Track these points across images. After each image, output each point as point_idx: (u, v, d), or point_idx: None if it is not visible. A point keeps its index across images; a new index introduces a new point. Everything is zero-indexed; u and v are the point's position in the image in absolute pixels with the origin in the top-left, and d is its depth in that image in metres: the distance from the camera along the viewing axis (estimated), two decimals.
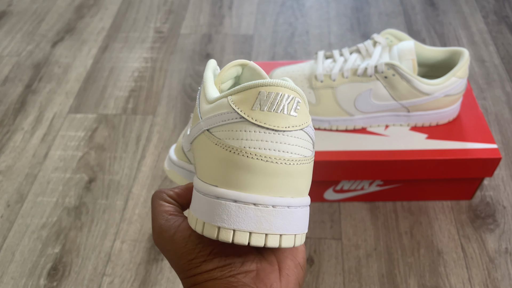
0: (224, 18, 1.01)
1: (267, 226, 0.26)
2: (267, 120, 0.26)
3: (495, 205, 0.65)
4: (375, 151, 0.59)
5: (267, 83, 0.27)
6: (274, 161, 0.26)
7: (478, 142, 0.59)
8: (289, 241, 0.27)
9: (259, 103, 0.26)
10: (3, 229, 0.65)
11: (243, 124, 0.27)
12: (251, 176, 0.26)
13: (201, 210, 0.27)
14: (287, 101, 0.27)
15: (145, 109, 0.81)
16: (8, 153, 0.75)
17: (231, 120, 0.27)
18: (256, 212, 0.26)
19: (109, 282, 0.59)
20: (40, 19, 1.02)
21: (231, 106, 0.27)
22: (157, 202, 0.32)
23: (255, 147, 0.26)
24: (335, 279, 0.59)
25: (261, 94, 0.27)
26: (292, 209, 0.27)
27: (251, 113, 0.26)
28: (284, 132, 0.27)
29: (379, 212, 0.65)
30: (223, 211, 0.26)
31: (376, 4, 1.02)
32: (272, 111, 0.26)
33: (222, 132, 0.27)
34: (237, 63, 0.33)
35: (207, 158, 0.28)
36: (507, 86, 0.82)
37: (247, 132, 0.26)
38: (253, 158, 0.26)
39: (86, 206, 0.67)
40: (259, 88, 0.27)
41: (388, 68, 0.56)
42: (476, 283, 0.58)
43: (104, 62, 0.91)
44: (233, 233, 0.26)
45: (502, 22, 0.96)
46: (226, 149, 0.27)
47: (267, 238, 0.26)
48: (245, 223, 0.26)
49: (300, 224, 0.28)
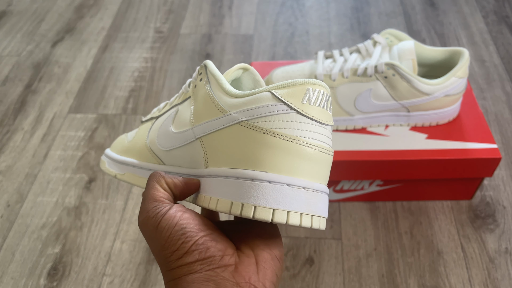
0: (224, 18, 1.01)
1: (314, 208, 0.29)
2: (315, 114, 0.29)
3: (495, 205, 0.65)
4: (375, 151, 0.59)
5: (312, 81, 0.30)
6: (319, 150, 0.30)
7: (478, 142, 0.59)
8: (324, 223, 0.30)
9: (307, 97, 0.29)
10: (3, 229, 0.65)
11: (294, 115, 0.29)
12: (301, 162, 0.29)
13: (245, 195, 0.29)
14: (326, 98, 0.30)
15: (145, 109, 0.81)
16: (8, 153, 0.75)
17: (281, 111, 0.29)
18: (306, 195, 0.29)
19: (109, 282, 0.59)
20: (40, 19, 1.02)
21: (280, 99, 0.29)
22: (153, 184, 0.32)
23: (306, 136, 0.29)
24: (335, 279, 0.59)
25: (308, 90, 0.29)
26: (325, 195, 0.31)
27: (301, 106, 0.29)
28: (326, 125, 0.30)
29: (379, 212, 0.65)
30: (277, 194, 0.28)
31: (376, 4, 1.02)
32: (318, 105, 0.30)
33: (270, 122, 0.29)
34: (241, 67, 0.36)
35: (249, 146, 0.30)
36: (507, 86, 0.82)
37: (298, 122, 0.29)
38: (304, 146, 0.29)
39: (86, 206, 0.67)
40: (306, 85, 0.29)
41: (388, 68, 0.56)
42: (476, 283, 0.58)
43: (104, 62, 0.91)
44: (287, 214, 0.28)
45: (502, 22, 0.96)
46: (279, 137, 0.29)
47: (312, 219, 0.29)
48: (297, 205, 0.29)
49: (326, 208, 0.31)
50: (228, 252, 0.30)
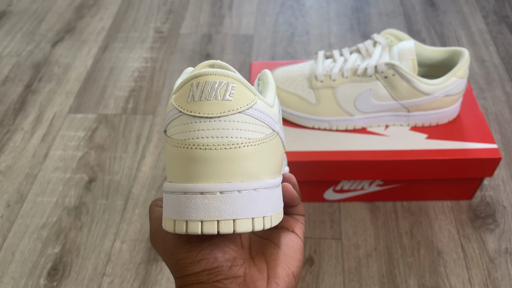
0: (224, 18, 1.01)
1: (217, 213, 0.26)
2: (201, 109, 0.27)
3: (495, 205, 0.65)
4: (375, 151, 0.59)
5: (197, 74, 0.27)
6: (213, 148, 0.27)
7: (478, 142, 0.59)
8: (245, 225, 0.27)
9: (192, 94, 0.27)
10: (3, 229, 0.65)
11: (182, 118, 0.27)
12: (195, 166, 0.27)
13: (164, 208, 0.28)
14: (219, 87, 0.27)
15: (145, 109, 0.81)
16: (8, 153, 0.75)
17: (173, 116, 0.28)
18: (204, 200, 0.26)
19: (109, 282, 0.59)
20: (40, 19, 1.02)
21: (172, 103, 0.28)
22: (153, 209, 0.33)
23: (194, 137, 0.27)
24: (335, 279, 0.59)
25: (193, 86, 0.27)
26: (244, 192, 0.27)
27: (186, 106, 0.27)
28: (219, 117, 0.27)
29: (379, 212, 0.65)
30: (176, 204, 0.27)
31: (376, 4, 1.02)
32: (204, 99, 0.27)
33: (170, 129, 0.28)
34: (205, 64, 0.33)
35: (166, 157, 0.29)
36: (507, 86, 0.82)
37: (186, 124, 0.27)
38: (192, 149, 0.27)
39: (86, 206, 0.67)
40: (191, 81, 0.27)
41: (388, 68, 0.56)
42: (476, 283, 0.58)
43: (104, 62, 0.91)
44: (186, 224, 0.26)
45: (502, 22, 0.96)
46: (173, 145, 0.28)
47: (219, 224, 0.26)
48: (195, 213, 0.26)
49: (259, 207, 0.27)
50: (237, 262, 0.29)
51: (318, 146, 0.60)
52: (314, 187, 0.64)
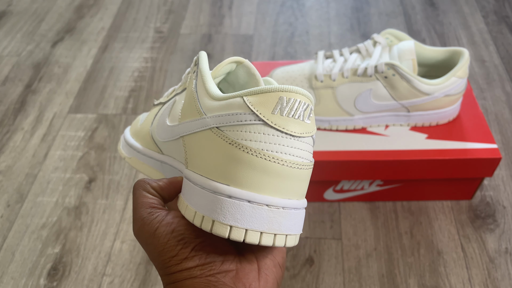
0: (224, 18, 1.01)
1: (277, 227, 0.27)
2: (286, 125, 0.27)
3: (495, 205, 0.65)
4: (375, 151, 0.59)
5: (287, 89, 0.27)
6: (288, 165, 0.27)
7: (478, 142, 0.59)
8: (293, 241, 0.28)
9: (279, 107, 0.27)
10: (3, 229, 0.65)
11: (262, 127, 0.27)
12: (266, 177, 0.27)
13: (209, 207, 0.28)
14: (304, 108, 0.28)
15: (145, 109, 0.81)
16: (8, 153, 0.75)
17: (249, 122, 0.27)
18: (269, 213, 0.27)
19: (109, 282, 0.59)
20: (40, 19, 1.02)
21: (249, 107, 0.27)
22: (140, 192, 0.32)
23: (273, 150, 0.27)
24: (335, 279, 0.59)
25: (281, 99, 0.27)
26: (298, 211, 0.28)
27: (271, 117, 0.27)
28: (299, 138, 0.28)
29: (379, 212, 0.65)
30: (236, 210, 0.27)
31: (376, 4, 1.02)
32: (291, 117, 0.27)
33: (237, 132, 0.28)
34: (233, 60, 0.33)
35: (216, 155, 0.28)
36: (507, 86, 0.82)
37: (266, 135, 0.27)
38: (270, 161, 0.27)
39: (86, 206, 0.67)
40: (279, 93, 0.27)
41: (388, 68, 0.56)
42: (476, 283, 0.58)
43: (104, 62, 0.91)
44: (245, 232, 0.27)
45: (502, 22, 0.96)
46: (243, 150, 0.27)
47: (275, 238, 0.27)
48: (257, 223, 0.27)
49: (301, 225, 0.29)
50: (228, 257, 0.29)
51: (318, 146, 0.60)
52: (314, 187, 0.64)
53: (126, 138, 0.43)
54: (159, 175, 0.39)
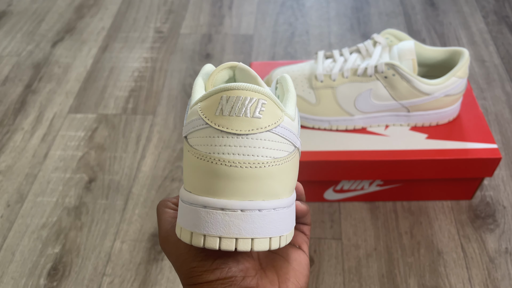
0: (224, 18, 1.01)
1: (236, 231, 0.26)
2: (229, 125, 0.26)
3: (495, 205, 0.65)
4: (375, 151, 0.59)
5: (228, 87, 0.27)
6: (238, 166, 0.26)
7: (478, 142, 0.59)
8: (262, 245, 0.27)
9: (221, 108, 0.27)
10: (3, 229, 0.65)
11: (208, 130, 0.27)
12: (218, 181, 0.26)
13: (181, 216, 0.28)
14: (250, 103, 0.27)
15: (145, 109, 0.81)
16: (8, 153, 0.75)
17: (199, 127, 0.27)
18: (224, 217, 0.26)
19: (109, 282, 0.59)
20: (40, 19, 1.02)
21: (199, 113, 0.27)
22: (162, 210, 0.33)
23: (219, 152, 0.26)
24: (335, 279, 0.59)
25: (222, 99, 0.27)
26: (264, 212, 0.27)
27: (214, 119, 0.27)
28: (247, 135, 0.26)
29: (379, 212, 0.65)
30: (194, 217, 0.27)
31: (376, 4, 1.02)
32: (234, 115, 0.26)
33: (194, 139, 0.28)
34: (226, 66, 0.32)
35: (185, 165, 0.28)
36: (507, 86, 0.82)
37: (212, 137, 0.27)
38: (217, 164, 0.26)
39: (86, 206, 0.67)
40: (221, 93, 0.27)
41: (388, 68, 0.56)
42: (476, 283, 0.58)
43: (104, 62, 0.91)
44: (203, 238, 0.26)
45: (502, 22, 0.96)
46: (197, 156, 0.27)
47: (237, 242, 0.26)
48: (214, 228, 0.26)
49: (277, 226, 0.27)
50: (250, 273, 0.29)
51: (318, 146, 0.60)
52: (314, 187, 0.64)
53: None
54: None
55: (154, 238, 0.63)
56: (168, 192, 0.68)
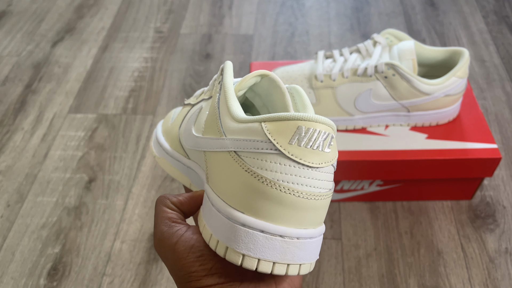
0: (224, 18, 1.01)
1: (290, 257, 0.27)
2: (303, 156, 0.26)
3: (495, 205, 0.65)
4: (375, 151, 0.59)
5: (306, 117, 0.26)
6: (305, 197, 0.27)
7: (478, 142, 0.59)
8: (306, 269, 0.28)
9: (297, 138, 0.26)
10: (3, 229, 0.65)
11: (278, 157, 0.26)
12: (281, 208, 0.27)
13: (224, 233, 0.27)
14: (323, 137, 0.27)
15: (145, 109, 0.81)
16: (8, 153, 0.75)
17: (265, 150, 0.27)
18: (282, 244, 0.27)
19: (109, 282, 0.59)
20: (40, 19, 1.02)
21: (267, 135, 0.27)
22: (160, 208, 0.32)
23: (289, 181, 0.26)
24: (335, 279, 0.59)
25: (299, 129, 0.26)
26: (313, 239, 0.28)
27: (288, 147, 0.26)
28: (317, 168, 0.27)
29: (379, 212, 0.65)
30: (249, 240, 0.27)
31: (376, 4, 1.02)
32: (309, 147, 0.26)
33: (254, 160, 0.27)
34: (258, 74, 0.32)
35: (232, 180, 0.28)
36: (507, 86, 0.82)
37: (282, 165, 0.26)
38: (285, 192, 0.26)
39: (86, 206, 0.67)
40: (297, 122, 0.26)
41: (388, 68, 0.56)
42: (476, 283, 0.58)
43: (104, 62, 0.91)
44: (257, 262, 0.26)
45: (502, 22, 0.96)
46: (258, 179, 0.27)
47: (288, 268, 0.27)
48: (270, 254, 0.26)
49: (317, 252, 0.29)
50: (247, 277, 0.29)
51: None
52: None
53: (157, 136, 0.42)
54: (185, 180, 0.39)
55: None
56: (168, 192, 0.68)
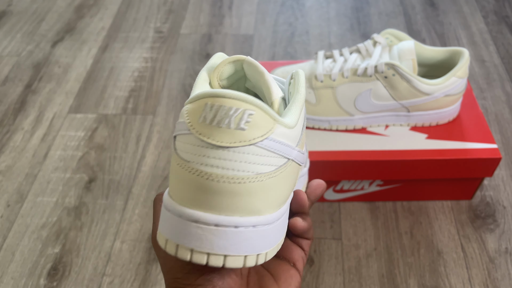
0: (224, 18, 1.01)
1: (209, 245, 0.25)
2: (211, 135, 0.24)
3: (495, 205, 0.65)
4: (375, 151, 0.59)
5: (213, 93, 0.24)
6: (215, 180, 0.24)
7: (478, 142, 0.59)
8: (236, 262, 0.25)
9: (205, 115, 0.24)
10: (3, 229, 0.65)
11: (190, 137, 0.25)
12: (195, 192, 0.25)
13: (161, 220, 0.27)
14: (235, 114, 0.24)
15: (145, 109, 0.81)
16: (8, 153, 0.75)
17: (183, 131, 0.26)
18: (197, 230, 0.25)
19: (109, 282, 0.59)
20: (40, 19, 1.02)
21: (184, 116, 0.26)
22: (158, 205, 0.32)
23: (199, 163, 0.24)
24: (335, 279, 0.59)
25: (206, 106, 0.24)
26: (241, 229, 0.25)
27: (197, 126, 0.25)
28: (228, 148, 0.24)
29: (379, 212, 0.65)
30: (170, 223, 0.25)
31: (376, 4, 1.02)
32: (217, 125, 0.24)
33: (178, 142, 0.26)
34: (233, 59, 0.30)
35: (171, 167, 0.27)
36: (507, 86, 0.82)
37: (193, 146, 0.25)
38: (195, 174, 0.25)
39: (86, 206, 0.67)
40: (205, 100, 0.25)
41: (388, 68, 0.56)
42: (476, 283, 0.58)
43: (104, 62, 0.91)
44: (176, 247, 0.25)
45: (502, 22, 0.96)
46: (177, 163, 0.26)
47: (209, 257, 0.25)
48: (187, 240, 0.25)
49: (255, 244, 0.25)
50: (242, 285, 0.28)
51: (318, 146, 0.60)
52: None
53: None
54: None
55: None
56: None
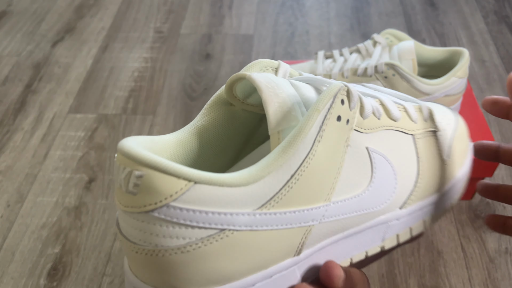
0: (224, 18, 1.01)
1: None
2: (117, 195, 0.21)
3: (495, 205, 0.65)
4: None
5: (119, 147, 0.20)
6: (126, 246, 0.21)
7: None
8: None
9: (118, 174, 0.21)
10: (3, 229, 0.65)
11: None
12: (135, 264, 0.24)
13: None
14: (123, 174, 0.20)
15: (145, 109, 0.81)
16: (8, 153, 0.75)
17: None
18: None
19: (109, 282, 0.59)
20: (40, 19, 1.02)
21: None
22: None
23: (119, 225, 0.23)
24: None
25: (116, 166, 0.21)
26: None
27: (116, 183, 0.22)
28: (125, 212, 0.20)
29: None
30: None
31: (376, 4, 1.02)
32: (119, 186, 0.21)
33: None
34: (233, 80, 0.25)
35: None
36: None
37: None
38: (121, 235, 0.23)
39: (86, 206, 0.67)
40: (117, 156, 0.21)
41: (388, 68, 0.56)
42: (476, 283, 0.58)
43: (104, 62, 0.91)
44: None
45: (502, 22, 0.96)
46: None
47: None
48: None
49: None
50: None
51: None
52: None
53: None
54: None
55: None
56: None
